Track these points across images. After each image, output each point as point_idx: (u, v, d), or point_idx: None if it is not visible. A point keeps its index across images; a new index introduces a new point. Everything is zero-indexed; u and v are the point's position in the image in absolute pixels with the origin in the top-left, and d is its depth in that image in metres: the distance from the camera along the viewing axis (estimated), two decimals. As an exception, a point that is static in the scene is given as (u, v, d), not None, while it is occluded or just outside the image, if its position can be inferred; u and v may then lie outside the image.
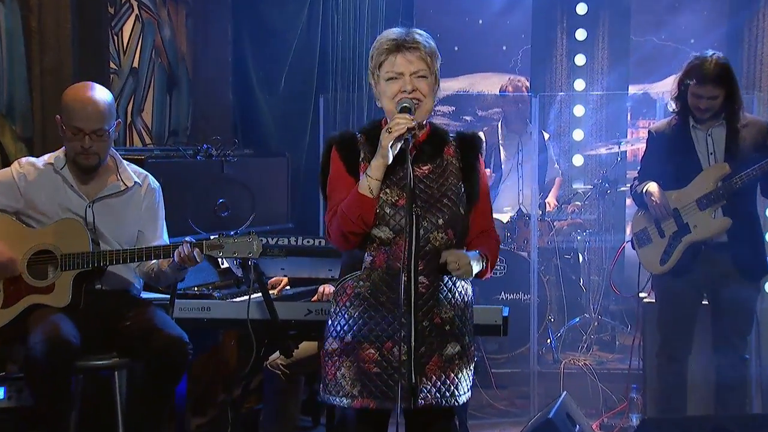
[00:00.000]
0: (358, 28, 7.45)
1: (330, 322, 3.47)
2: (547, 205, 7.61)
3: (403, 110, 3.27)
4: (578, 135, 8.78)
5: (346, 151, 3.42)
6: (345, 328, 3.40)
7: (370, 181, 3.28)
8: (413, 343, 3.19)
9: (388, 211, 3.32)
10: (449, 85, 8.84)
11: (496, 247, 3.52)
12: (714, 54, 4.94)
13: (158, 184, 4.68)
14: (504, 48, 9.08)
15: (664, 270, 5.16)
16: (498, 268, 6.99)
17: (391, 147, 3.24)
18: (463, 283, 3.46)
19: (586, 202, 7.73)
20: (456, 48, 8.74)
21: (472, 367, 3.49)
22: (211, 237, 4.25)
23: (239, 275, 5.11)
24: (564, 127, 8.78)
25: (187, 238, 4.27)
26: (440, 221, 3.35)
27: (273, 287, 5.25)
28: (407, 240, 3.22)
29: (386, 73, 3.36)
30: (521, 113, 7.66)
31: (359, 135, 3.46)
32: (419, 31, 3.41)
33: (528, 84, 7.74)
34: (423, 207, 3.32)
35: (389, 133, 3.22)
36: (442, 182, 3.41)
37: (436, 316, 3.37)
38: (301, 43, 7.25)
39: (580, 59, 8.74)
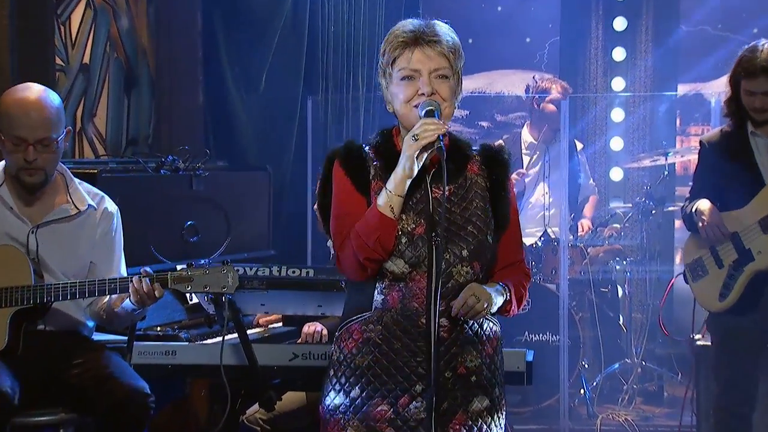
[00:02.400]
0: (353, 17, 7.47)
1: (332, 372, 3.44)
2: (579, 227, 7.60)
3: (428, 114, 3.26)
4: (617, 144, 8.78)
5: (352, 166, 3.40)
6: (351, 380, 3.37)
7: (391, 197, 3.26)
8: (434, 398, 3.17)
9: (403, 241, 3.30)
10: (462, 85, 8.84)
11: (526, 282, 3.50)
12: (766, 42, 4.98)
13: (117, 207, 4.66)
14: (528, 40, 9.11)
15: (724, 307, 5.12)
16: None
17: (417, 157, 3.23)
18: (491, 323, 3.44)
19: (626, 225, 7.72)
20: (470, 41, 8.70)
21: (502, 425, 3.47)
22: (178, 268, 4.23)
23: (211, 313, 5.09)
24: (600, 134, 8.79)
25: (145, 268, 4.23)
26: (464, 252, 3.33)
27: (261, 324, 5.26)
28: (428, 275, 3.21)
29: (400, 71, 3.34)
30: (550, 118, 7.65)
31: (367, 148, 3.45)
32: (441, 23, 3.41)
33: (564, 83, 7.72)
34: (444, 236, 3.29)
35: (415, 140, 3.21)
36: (466, 206, 3.39)
37: (461, 365, 3.35)
38: (285, 34, 7.27)
39: (619, 53, 8.75)
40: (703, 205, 5.10)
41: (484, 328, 3.41)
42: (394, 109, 3.41)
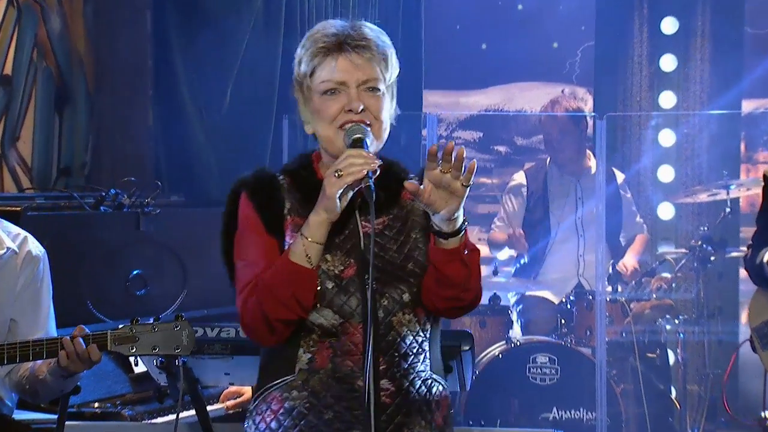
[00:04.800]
0: (339, 16, 7.45)
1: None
2: (622, 267, 7.59)
3: (355, 144, 3.26)
4: (666, 174, 8.81)
5: (262, 199, 3.42)
6: (271, 461, 3.38)
7: (307, 244, 3.26)
8: None
9: (330, 287, 3.31)
10: (474, 101, 8.88)
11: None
12: None
13: (43, 249, 4.65)
14: (555, 46, 9.16)
15: (799, 382, 5.14)
16: (547, 371, 6.98)
17: (339, 198, 3.22)
18: (439, 385, 3.44)
19: (678, 275, 7.73)
20: (483, 46, 8.79)
21: None
22: (120, 326, 4.21)
23: (162, 384, 5.07)
24: (645, 162, 8.80)
25: (79, 327, 4.21)
26: (405, 296, 3.33)
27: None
28: (363, 327, 3.20)
29: (322, 84, 3.36)
30: (577, 143, 7.67)
31: (281, 177, 3.47)
32: (369, 24, 3.44)
33: (572, 98, 7.75)
34: (380, 278, 3.29)
35: (338, 177, 3.20)
36: (404, 240, 3.40)
37: (408, 437, 3.36)
38: (255, 40, 7.28)
39: (668, 62, 8.79)
40: (778, 254, 5.12)
41: (434, 392, 3.42)
42: (315, 131, 3.42)
